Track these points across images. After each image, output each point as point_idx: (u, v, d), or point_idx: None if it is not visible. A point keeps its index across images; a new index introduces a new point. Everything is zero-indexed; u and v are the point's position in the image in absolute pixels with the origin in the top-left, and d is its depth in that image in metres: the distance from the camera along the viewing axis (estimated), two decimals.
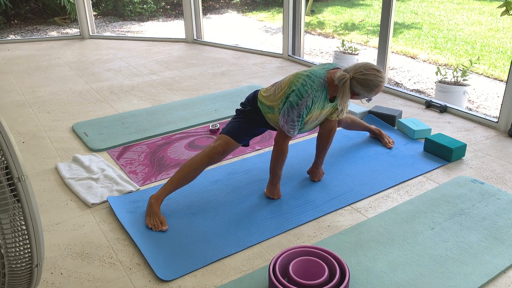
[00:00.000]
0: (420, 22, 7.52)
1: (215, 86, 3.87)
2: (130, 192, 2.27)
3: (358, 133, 2.90)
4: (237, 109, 2.28)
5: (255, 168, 2.49)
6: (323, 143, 2.29)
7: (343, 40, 4.92)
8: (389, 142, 2.73)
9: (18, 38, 6.39)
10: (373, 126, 2.79)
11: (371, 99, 2.08)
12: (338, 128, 2.86)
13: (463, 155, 2.58)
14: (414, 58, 5.56)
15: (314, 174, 2.38)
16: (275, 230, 1.98)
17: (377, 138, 2.81)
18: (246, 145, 2.28)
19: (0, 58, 4.89)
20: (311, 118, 2.11)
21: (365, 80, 1.96)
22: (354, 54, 4.76)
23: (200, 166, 2.09)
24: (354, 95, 2.03)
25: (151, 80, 4.08)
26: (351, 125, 2.64)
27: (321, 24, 7.70)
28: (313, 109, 2.05)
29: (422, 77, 4.82)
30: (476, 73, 4.89)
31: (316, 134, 2.89)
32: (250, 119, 2.21)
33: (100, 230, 2.01)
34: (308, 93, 1.99)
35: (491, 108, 3.94)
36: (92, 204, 2.17)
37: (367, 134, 2.87)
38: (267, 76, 4.11)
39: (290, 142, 2.79)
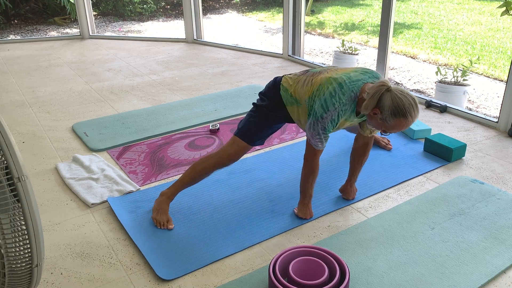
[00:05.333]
0: (420, 22, 7.52)
1: (215, 86, 3.87)
2: (130, 192, 2.27)
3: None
4: (254, 103, 2.09)
5: (255, 168, 2.49)
6: (358, 159, 2.13)
7: (343, 40, 4.92)
8: (387, 144, 2.69)
9: (18, 38, 6.39)
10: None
11: (386, 134, 1.83)
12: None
13: (463, 155, 2.58)
14: (414, 58, 5.55)
15: (347, 192, 2.20)
16: (275, 230, 1.98)
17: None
18: (261, 143, 2.10)
19: (0, 58, 4.89)
20: (340, 127, 1.96)
21: (399, 100, 1.70)
22: (354, 54, 4.75)
23: (213, 170, 2.05)
24: (376, 108, 1.75)
25: (151, 80, 4.08)
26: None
27: (321, 24, 7.70)
28: (339, 122, 1.88)
29: (422, 77, 4.81)
30: (476, 73, 4.89)
31: None
32: (267, 116, 2.02)
33: (100, 230, 2.01)
34: (335, 107, 1.80)
35: (491, 108, 3.94)
36: (92, 204, 2.17)
37: None
38: (267, 76, 4.11)
39: (290, 142, 2.79)
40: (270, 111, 2.02)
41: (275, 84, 2.03)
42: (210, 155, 2.05)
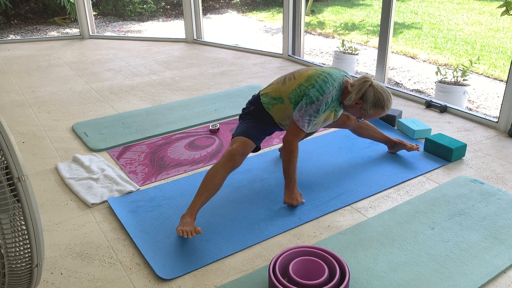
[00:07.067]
0: (420, 22, 7.52)
1: (215, 86, 3.87)
2: (130, 192, 2.27)
3: None
4: (241, 114, 2.24)
5: (255, 168, 2.49)
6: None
7: (343, 40, 4.92)
8: (414, 146, 2.54)
9: (18, 38, 6.39)
10: (392, 137, 2.60)
11: (361, 119, 2.18)
12: (339, 129, 2.86)
13: (463, 155, 2.58)
14: (414, 58, 5.56)
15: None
16: (275, 230, 1.98)
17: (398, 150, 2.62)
18: (258, 148, 2.18)
19: (0, 58, 4.89)
20: (322, 119, 2.11)
21: (379, 94, 2.05)
22: (354, 54, 4.75)
23: (224, 172, 1.99)
24: (360, 100, 2.07)
25: (151, 80, 4.08)
26: (365, 130, 2.52)
27: (321, 24, 7.70)
28: (329, 108, 2.08)
29: (422, 77, 4.82)
30: (476, 73, 4.89)
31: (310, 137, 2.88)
32: (258, 117, 2.17)
33: (100, 230, 2.01)
34: (330, 90, 2.03)
35: (491, 108, 3.94)
36: (92, 204, 2.17)
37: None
38: (267, 76, 4.11)
39: None
40: (259, 112, 2.19)
41: (255, 98, 2.23)
42: (217, 161, 2.04)
